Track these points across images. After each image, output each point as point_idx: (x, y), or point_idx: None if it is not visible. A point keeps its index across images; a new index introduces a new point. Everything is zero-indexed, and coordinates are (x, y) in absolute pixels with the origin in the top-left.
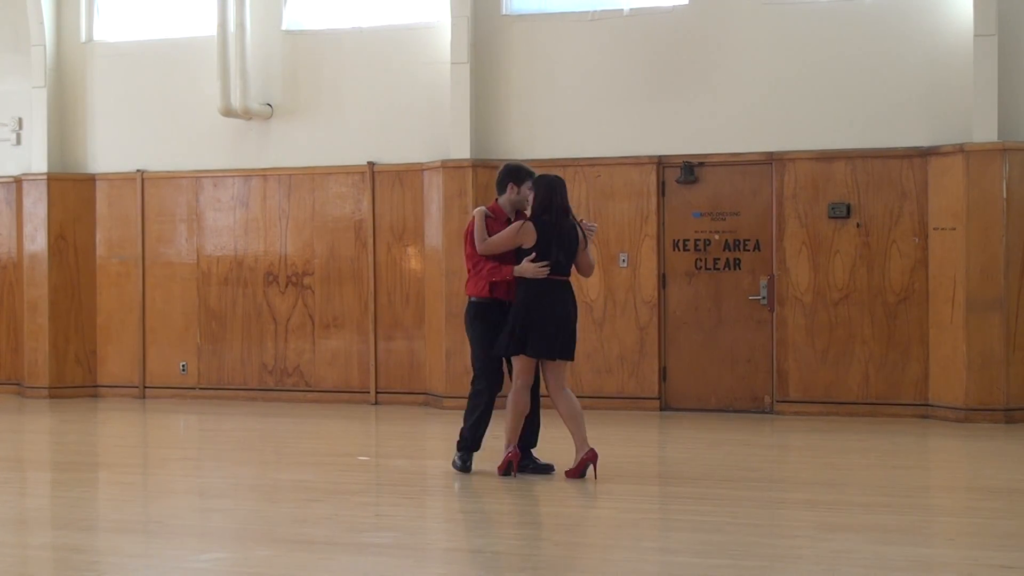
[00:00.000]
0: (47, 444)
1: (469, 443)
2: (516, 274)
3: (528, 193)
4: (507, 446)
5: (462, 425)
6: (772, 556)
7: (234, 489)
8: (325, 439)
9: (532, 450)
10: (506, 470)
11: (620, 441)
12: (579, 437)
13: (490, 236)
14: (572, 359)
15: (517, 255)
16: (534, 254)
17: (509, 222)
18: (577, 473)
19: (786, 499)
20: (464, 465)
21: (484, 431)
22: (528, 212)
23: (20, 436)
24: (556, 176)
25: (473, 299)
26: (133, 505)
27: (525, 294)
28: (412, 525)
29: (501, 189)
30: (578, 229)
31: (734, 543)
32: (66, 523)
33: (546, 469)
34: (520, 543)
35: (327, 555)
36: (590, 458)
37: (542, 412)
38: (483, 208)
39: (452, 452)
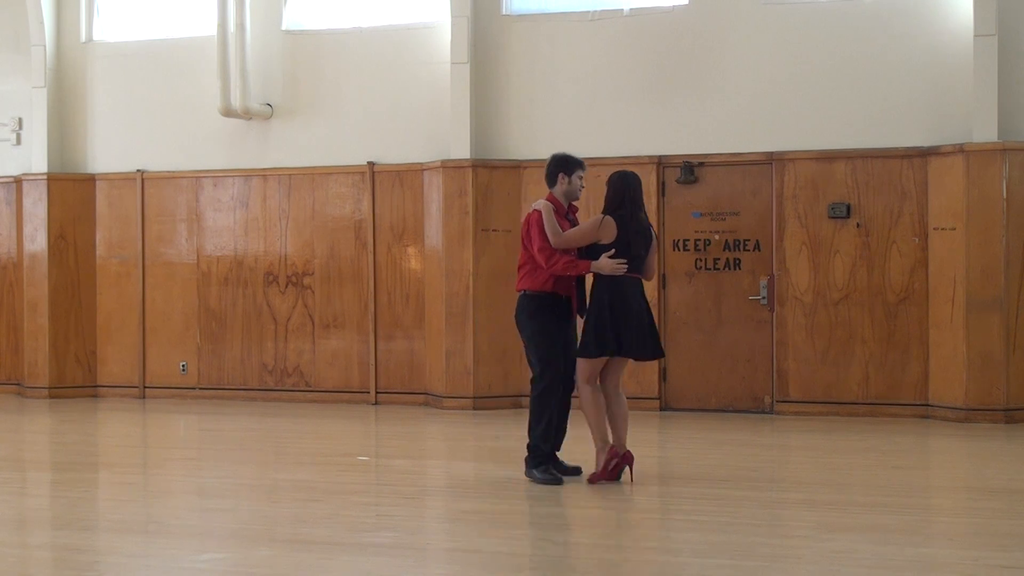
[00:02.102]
0: (47, 444)
1: (546, 454)
2: (593, 270)
3: (579, 183)
4: (603, 447)
5: (529, 435)
6: (772, 556)
7: (234, 489)
8: (325, 439)
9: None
10: (607, 474)
11: None
12: (621, 439)
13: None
14: (664, 356)
15: (590, 251)
16: (613, 250)
17: (567, 215)
18: (614, 475)
19: (786, 499)
20: (554, 476)
21: (562, 436)
22: (577, 203)
23: (20, 436)
24: (631, 171)
25: (529, 293)
26: (133, 505)
27: (605, 293)
28: (412, 525)
29: (552, 181)
30: (651, 228)
31: (734, 543)
32: (66, 523)
33: (575, 471)
34: (520, 543)
35: (327, 555)
36: (627, 460)
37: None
38: (547, 202)
39: (454, 453)
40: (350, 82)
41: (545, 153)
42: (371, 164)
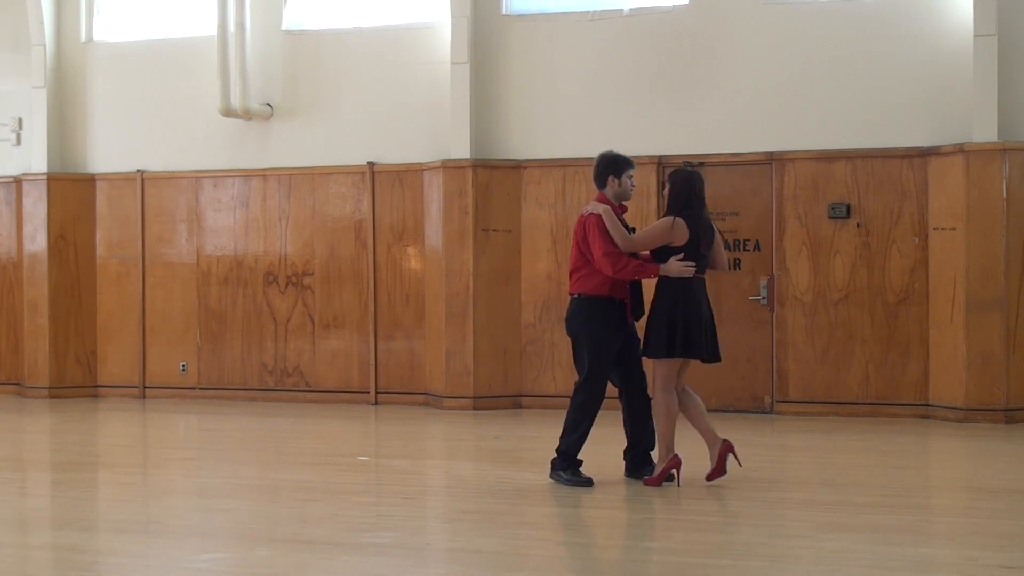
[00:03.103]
0: (47, 444)
1: (574, 459)
2: (662, 273)
3: (630, 183)
4: (666, 455)
5: (561, 440)
6: (772, 556)
7: (234, 489)
8: (325, 439)
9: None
10: (663, 480)
11: (620, 442)
12: (709, 429)
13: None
14: (720, 360)
15: (656, 253)
16: (682, 254)
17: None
18: (718, 473)
19: (786, 499)
20: (583, 479)
21: (650, 436)
22: (627, 204)
23: (20, 436)
24: (693, 170)
25: (585, 296)
26: (133, 505)
27: (674, 294)
28: (412, 525)
29: (601, 183)
30: (712, 223)
31: (734, 543)
32: (66, 523)
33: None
34: (520, 543)
35: (327, 555)
36: (727, 449)
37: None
38: (606, 206)
39: (454, 453)
40: (350, 82)
41: (545, 153)
42: (371, 164)
